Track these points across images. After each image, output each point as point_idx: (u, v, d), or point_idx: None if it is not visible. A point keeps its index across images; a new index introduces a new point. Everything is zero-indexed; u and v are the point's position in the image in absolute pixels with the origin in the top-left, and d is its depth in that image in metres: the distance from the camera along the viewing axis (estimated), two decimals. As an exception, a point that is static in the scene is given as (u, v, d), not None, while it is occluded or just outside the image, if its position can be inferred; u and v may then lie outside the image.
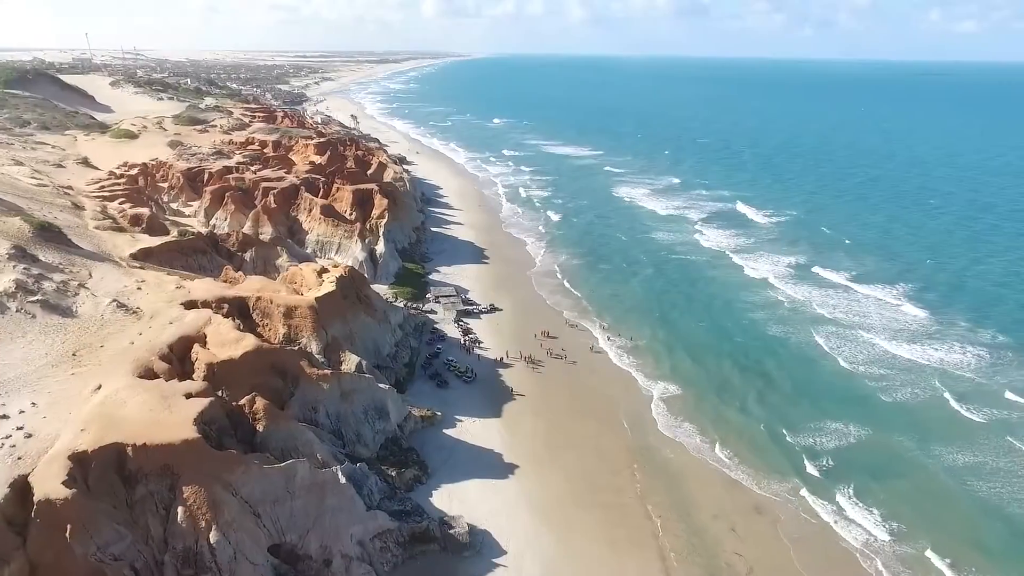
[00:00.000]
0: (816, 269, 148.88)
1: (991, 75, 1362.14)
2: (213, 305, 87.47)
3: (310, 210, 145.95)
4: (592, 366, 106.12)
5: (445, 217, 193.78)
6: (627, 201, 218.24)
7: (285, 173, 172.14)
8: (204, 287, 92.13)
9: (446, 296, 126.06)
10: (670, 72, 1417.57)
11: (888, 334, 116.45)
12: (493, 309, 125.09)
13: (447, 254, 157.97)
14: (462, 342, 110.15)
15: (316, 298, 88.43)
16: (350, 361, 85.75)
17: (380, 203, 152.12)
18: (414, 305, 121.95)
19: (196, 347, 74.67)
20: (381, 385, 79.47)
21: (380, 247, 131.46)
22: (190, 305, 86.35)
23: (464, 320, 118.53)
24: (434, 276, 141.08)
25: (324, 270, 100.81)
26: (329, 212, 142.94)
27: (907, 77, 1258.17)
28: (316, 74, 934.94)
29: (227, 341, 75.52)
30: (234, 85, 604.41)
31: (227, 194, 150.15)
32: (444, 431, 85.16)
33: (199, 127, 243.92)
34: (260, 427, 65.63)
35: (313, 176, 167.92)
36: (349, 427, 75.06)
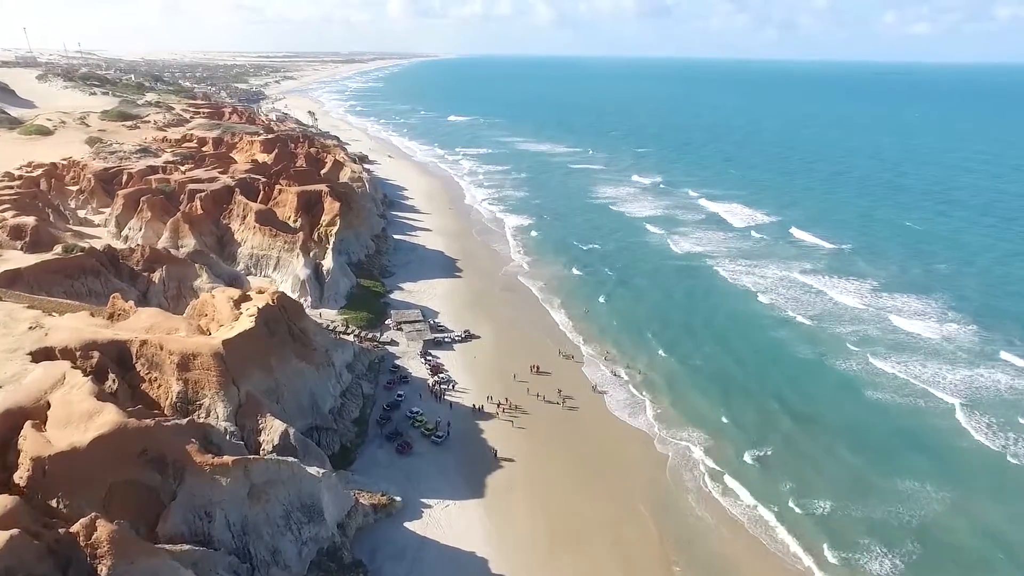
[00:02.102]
0: (799, 276, 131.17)
1: (942, 75, 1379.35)
2: (78, 353, 62.48)
3: (244, 217, 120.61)
4: (595, 413, 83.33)
5: (411, 222, 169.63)
6: (603, 201, 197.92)
7: (220, 173, 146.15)
8: (70, 326, 66.91)
9: (410, 322, 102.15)
10: (638, 72, 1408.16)
11: (924, 360, 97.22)
12: (469, 336, 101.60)
13: (413, 266, 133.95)
14: (430, 384, 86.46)
15: (224, 341, 63.86)
16: (272, 429, 61.51)
17: (331, 207, 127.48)
18: (370, 335, 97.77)
19: (27, 427, 49.83)
20: (312, 471, 55.33)
21: (328, 262, 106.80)
22: (42, 355, 61.36)
23: (432, 354, 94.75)
24: (396, 295, 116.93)
25: (245, 297, 76.17)
26: (266, 219, 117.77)
27: (866, 77, 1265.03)
28: (277, 73, 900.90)
29: (76, 416, 50.77)
30: (187, 83, 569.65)
31: (143, 198, 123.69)
32: (406, 525, 61.42)
33: (129, 123, 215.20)
34: (104, 568, 41.19)
35: (252, 176, 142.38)
36: (261, 541, 50.83)
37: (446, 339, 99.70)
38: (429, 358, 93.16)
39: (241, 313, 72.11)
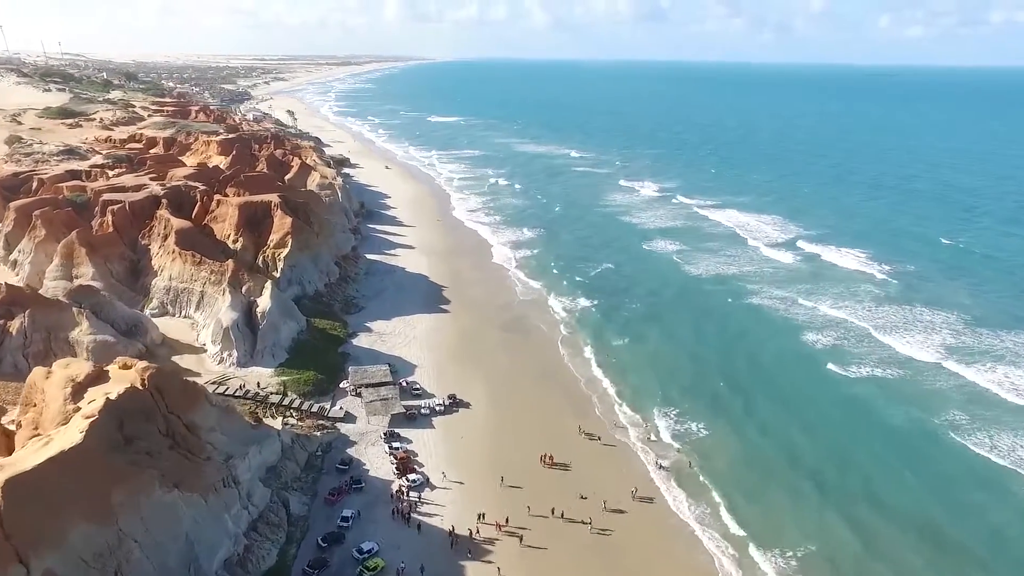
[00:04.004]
0: (838, 310, 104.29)
1: (938, 78, 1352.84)
2: None
3: (165, 237, 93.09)
4: (640, 539, 56.01)
5: (390, 238, 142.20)
6: (608, 211, 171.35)
7: (152, 179, 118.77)
8: None
9: (375, 385, 74.61)
10: (634, 75, 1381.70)
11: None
12: (454, 405, 74.23)
13: (387, 297, 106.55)
14: (395, 493, 58.96)
15: (8, 482, 36.34)
16: (84, 649, 33.94)
17: (281, 223, 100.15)
18: (316, 406, 70.21)
19: None
20: None
21: (264, 301, 79.07)
22: None
23: (402, 437, 67.18)
24: (361, 340, 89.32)
25: (98, 377, 48.80)
26: (191, 240, 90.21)
27: (861, 79, 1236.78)
28: (268, 75, 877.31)
29: None
30: (170, 83, 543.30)
31: (35, 213, 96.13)
32: None
33: (71, 120, 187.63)
34: None
35: (190, 184, 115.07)
36: None
37: (423, 410, 72.26)
38: (396, 445, 65.57)
39: (80, 407, 44.68)
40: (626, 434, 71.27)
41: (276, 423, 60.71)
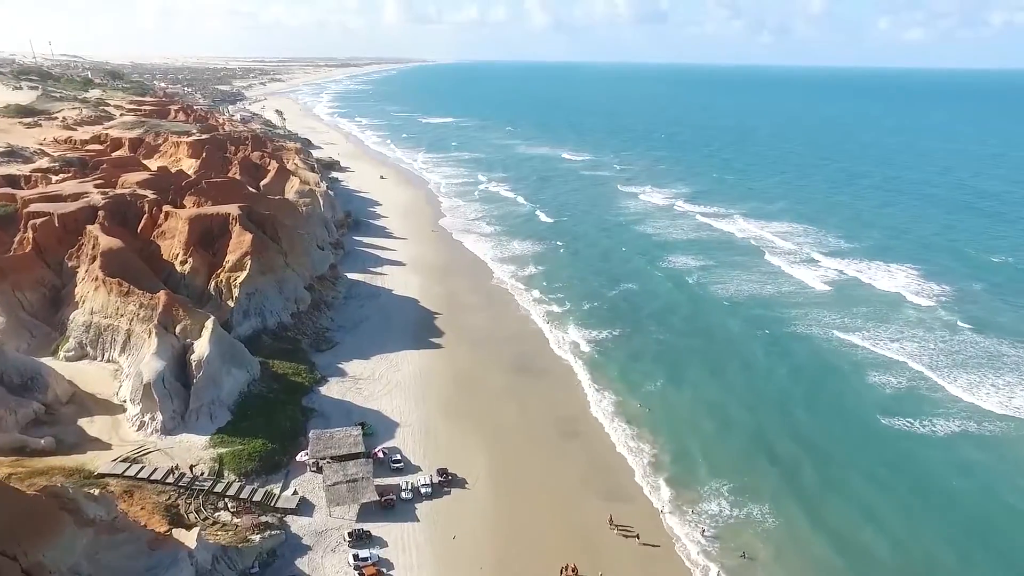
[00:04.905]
0: (887, 345, 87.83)
1: (937, 80, 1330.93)
2: None
3: (92, 259, 75.88)
4: None
5: (378, 252, 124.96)
6: (620, 220, 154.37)
7: (96, 187, 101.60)
8: None
9: (341, 457, 57.25)
10: (633, 77, 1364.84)
11: None
12: (446, 484, 56.96)
13: (368, 328, 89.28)
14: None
15: None
16: None
17: (239, 241, 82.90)
18: (258, 494, 52.83)
19: None
20: None
21: (201, 345, 61.88)
22: None
23: (369, 546, 49.63)
24: (331, 389, 71.96)
25: None
26: (119, 264, 72.86)
27: (860, 81, 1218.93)
28: (266, 76, 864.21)
29: None
30: (162, 84, 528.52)
31: (-62, 228, 78.98)
32: None
33: (30, 119, 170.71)
34: None
35: (138, 192, 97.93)
36: None
37: (404, 492, 54.97)
38: (365, 555, 48.08)
39: None
40: (670, 525, 54.13)
41: (192, 534, 43.23)
